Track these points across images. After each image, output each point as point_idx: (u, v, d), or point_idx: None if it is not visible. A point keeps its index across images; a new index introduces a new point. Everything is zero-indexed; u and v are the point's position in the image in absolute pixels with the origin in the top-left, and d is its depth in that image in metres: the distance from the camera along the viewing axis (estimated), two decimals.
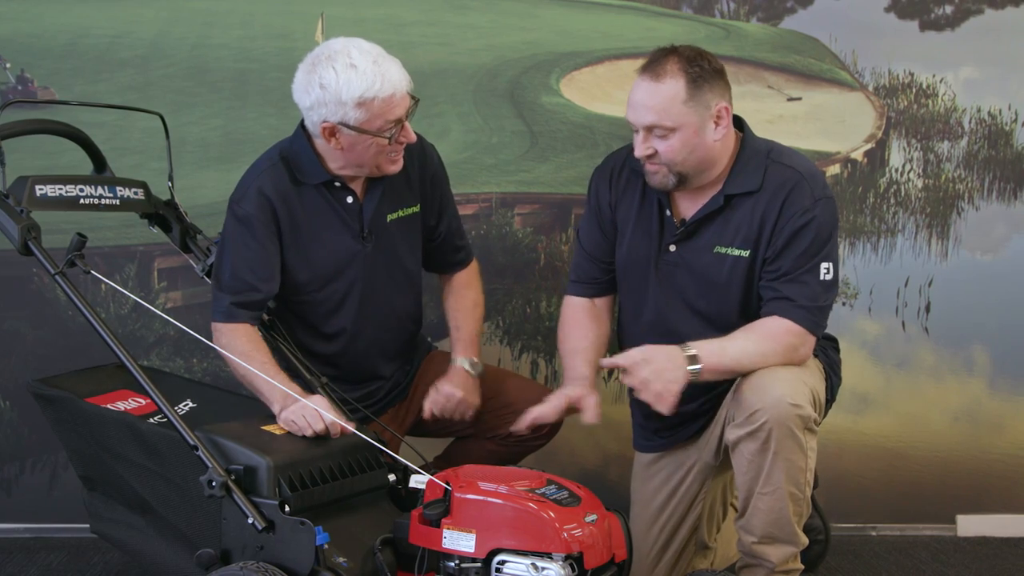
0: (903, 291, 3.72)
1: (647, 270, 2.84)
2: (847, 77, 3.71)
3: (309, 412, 2.54)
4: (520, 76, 3.68)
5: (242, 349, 2.70)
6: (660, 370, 2.59)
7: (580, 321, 2.94)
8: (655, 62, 2.67)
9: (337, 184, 2.84)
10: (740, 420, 2.62)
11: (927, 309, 3.72)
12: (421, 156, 2.96)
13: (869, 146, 3.72)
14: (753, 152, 2.77)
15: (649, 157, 2.69)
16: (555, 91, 3.68)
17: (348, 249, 2.87)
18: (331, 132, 2.73)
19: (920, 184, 3.72)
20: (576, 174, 3.65)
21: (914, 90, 3.71)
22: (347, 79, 2.66)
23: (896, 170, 3.72)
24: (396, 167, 2.82)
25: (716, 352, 2.62)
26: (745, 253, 2.74)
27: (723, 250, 2.75)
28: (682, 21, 3.70)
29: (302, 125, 2.84)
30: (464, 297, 3.08)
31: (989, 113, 3.71)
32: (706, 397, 2.83)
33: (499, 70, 3.69)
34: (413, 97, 2.76)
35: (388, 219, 2.91)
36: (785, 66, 3.71)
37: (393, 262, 2.93)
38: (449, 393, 2.91)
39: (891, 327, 3.72)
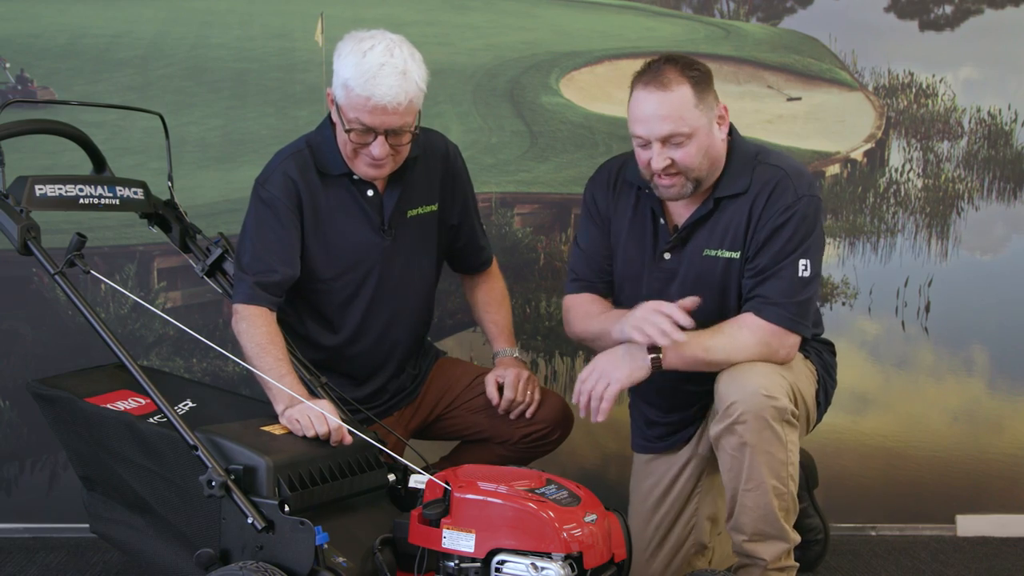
0: (903, 291, 3.72)
1: (642, 279, 2.85)
2: (847, 77, 3.71)
3: (314, 414, 2.54)
4: (519, 76, 3.68)
5: (258, 340, 2.69)
6: (601, 370, 2.65)
7: (594, 301, 2.92)
8: (655, 73, 2.66)
9: (357, 176, 2.85)
10: (719, 414, 2.63)
11: (927, 309, 3.72)
12: (444, 156, 2.98)
13: (869, 146, 3.72)
14: (742, 154, 2.77)
15: (666, 168, 2.68)
16: (554, 91, 3.68)
17: (368, 241, 2.88)
18: (332, 101, 2.79)
19: (920, 184, 3.72)
20: (576, 174, 3.65)
21: (914, 90, 3.71)
22: (349, 61, 2.71)
23: (896, 170, 3.72)
24: (372, 172, 2.81)
25: (682, 341, 2.61)
26: (736, 255, 2.75)
27: (713, 253, 2.76)
28: (681, 21, 3.70)
29: (329, 116, 2.87)
30: (493, 288, 3.12)
31: (989, 113, 3.71)
32: (700, 404, 2.84)
33: (498, 70, 3.69)
34: (415, 128, 2.76)
35: (408, 215, 2.93)
36: (785, 66, 3.71)
37: (409, 259, 2.94)
38: (517, 373, 2.93)
39: (891, 327, 3.72)
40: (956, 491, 3.72)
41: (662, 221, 2.81)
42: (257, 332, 2.71)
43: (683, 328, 2.59)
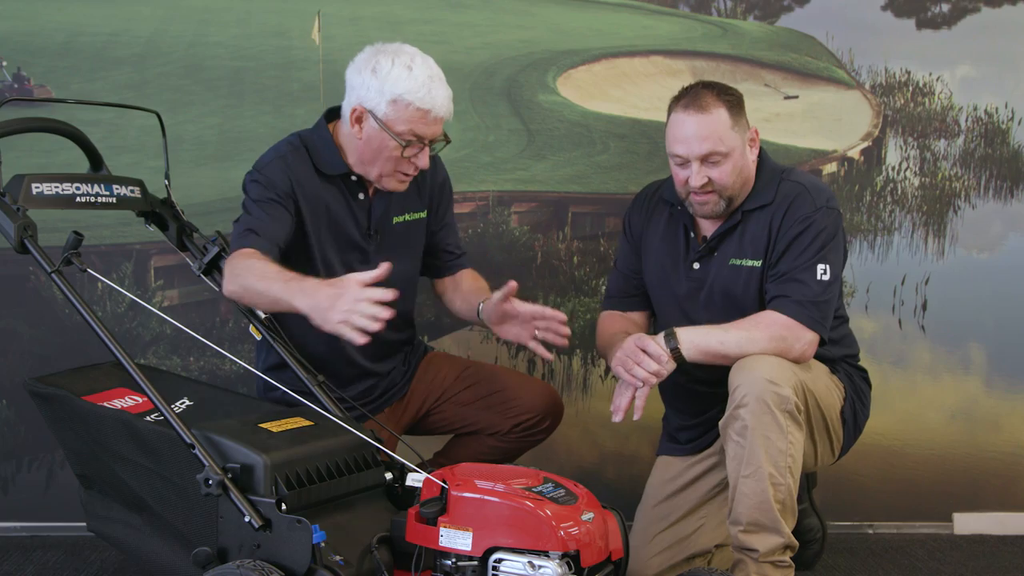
0: (900, 289, 3.72)
1: (673, 288, 2.96)
2: (844, 75, 3.71)
3: (358, 311, 2.43)
4: (517, 74, 3.68)
5: (247, 264, 2.62)
6: (622, 359, 2.76)
7: (616, 322, 3.05)
8: (693, 97, 2.81)
9: (354, 178, 2.88)
10: (728, 404, 2.70)
11: (923, 307, 3.72)
12: (432, 165, 2.98)
13: (866, 144, 3.72)
14: (769, 171, 2.91)
15: (703, 186, 2.81)
16: (552, 89, 3.68)
17: (354, 245, 2.89)
18: (359, 118, 2.78)
19: (917, 182, 3.72)
20: (573, 172, 3.65)
21: (911, 88, 3.71)
22: (397, 75, 2.73)
23: (893, 168, 3.72)
24: (398, 186, 2.85)
25: (699, 332, 2.75)
26: (757, 263, 2.86)
27: (738, 262, 2.88)
28: (679, 19, 3.70)
29: (325, 116, 2.89)
30: (476, 279, 3.09)
31: (985, 111, 3.72)
32: (723, 406, 2.86)
33: (496, 68, 3.69)
34: (446, 137, 2.82)
35: (394, 221, 2.94)
36: (782, 64, 3.72)
37: (393, 263, 2.93)
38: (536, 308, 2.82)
39: (888, 325, 3.72)
40: (953, 489, 3.73)
41: (692, 234, 2.95)
42: (244, 259, 2.63)
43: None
